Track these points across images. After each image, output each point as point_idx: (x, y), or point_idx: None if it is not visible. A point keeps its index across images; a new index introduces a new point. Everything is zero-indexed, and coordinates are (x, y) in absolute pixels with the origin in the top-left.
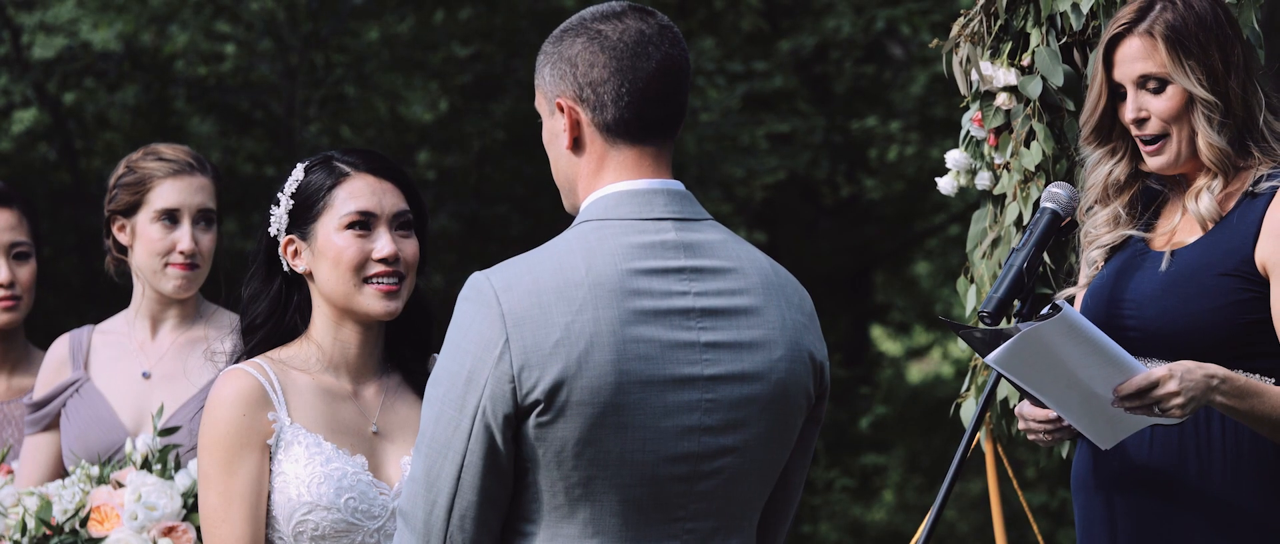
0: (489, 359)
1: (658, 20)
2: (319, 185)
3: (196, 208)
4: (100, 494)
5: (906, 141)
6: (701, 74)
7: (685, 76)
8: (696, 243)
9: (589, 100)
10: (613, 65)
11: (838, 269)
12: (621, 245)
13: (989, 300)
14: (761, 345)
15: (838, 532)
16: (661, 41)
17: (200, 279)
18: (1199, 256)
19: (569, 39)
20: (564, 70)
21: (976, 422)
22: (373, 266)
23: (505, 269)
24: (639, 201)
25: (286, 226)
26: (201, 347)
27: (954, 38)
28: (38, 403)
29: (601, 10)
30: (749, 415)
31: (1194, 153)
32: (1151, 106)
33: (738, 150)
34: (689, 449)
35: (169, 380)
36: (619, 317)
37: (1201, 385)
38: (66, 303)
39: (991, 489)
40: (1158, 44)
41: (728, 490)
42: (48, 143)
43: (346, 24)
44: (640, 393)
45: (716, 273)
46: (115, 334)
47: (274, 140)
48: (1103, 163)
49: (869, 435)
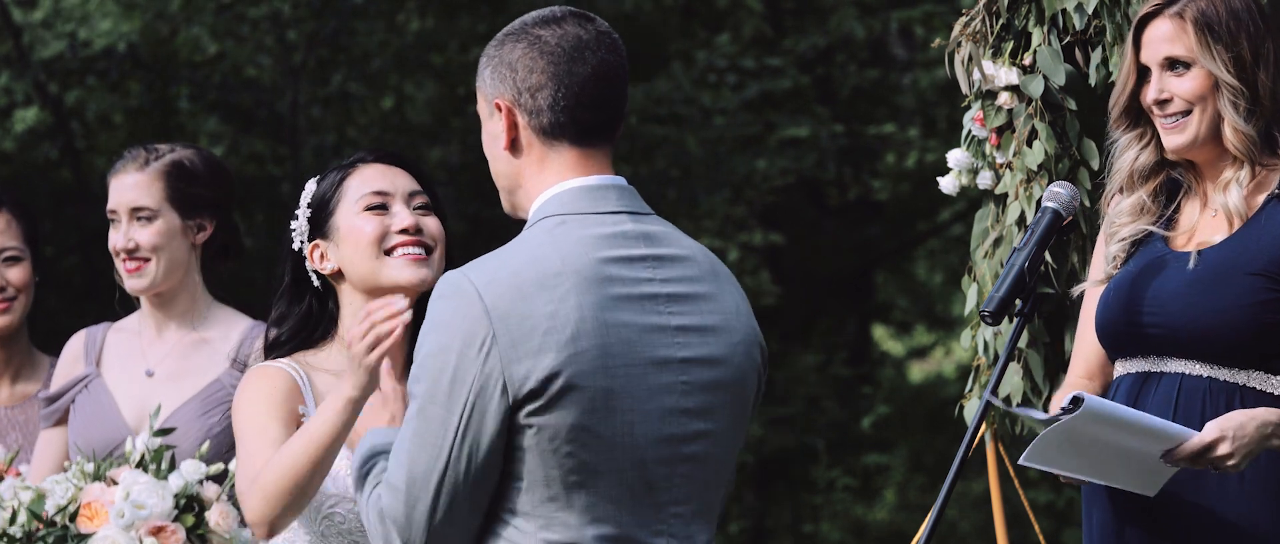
0: (476, 355)
1: (596, 26)
2: (331, 183)
3: (129, 205)
4: (92, 491)
5: (926, 148)
6: (712, 72)
7: (622, 81)
8: (652, 233)
9: (526, 104)
10: (550, 70)
11: (840, 269)
12: (587, 236)
13: (990, 300)
14: (722, 330)
15: (840, 531)
16: (599, 47)
17: (150, 274)
18: (1227, 256)
19: (510, 43)
20: (504, 74)
21: (978, 421)
22: (394, 238)
23: (481, 265)
24: (593, 196)
25: (308, 235)
26: (205, 347)
27: (956, 37)
28: (51, 397)
29: (542, 15)
30: (718, 398)
31: (1214, 139)
32: (1174, 88)
33: (747, 151)
34: (671, 431)
35: (171, 380)
36: (598, 302)
37: (1255, 439)
38: (68, 303)
39: (993, 488)
40: (1187, 26)
41: (703, 474)
42: (50, 142)
43: (349, 22)
44: (625, 376)
45: (674, 261)
46: (127, 332)
47: (278, 139)
48: (1130, 147)
49: (871, 435)
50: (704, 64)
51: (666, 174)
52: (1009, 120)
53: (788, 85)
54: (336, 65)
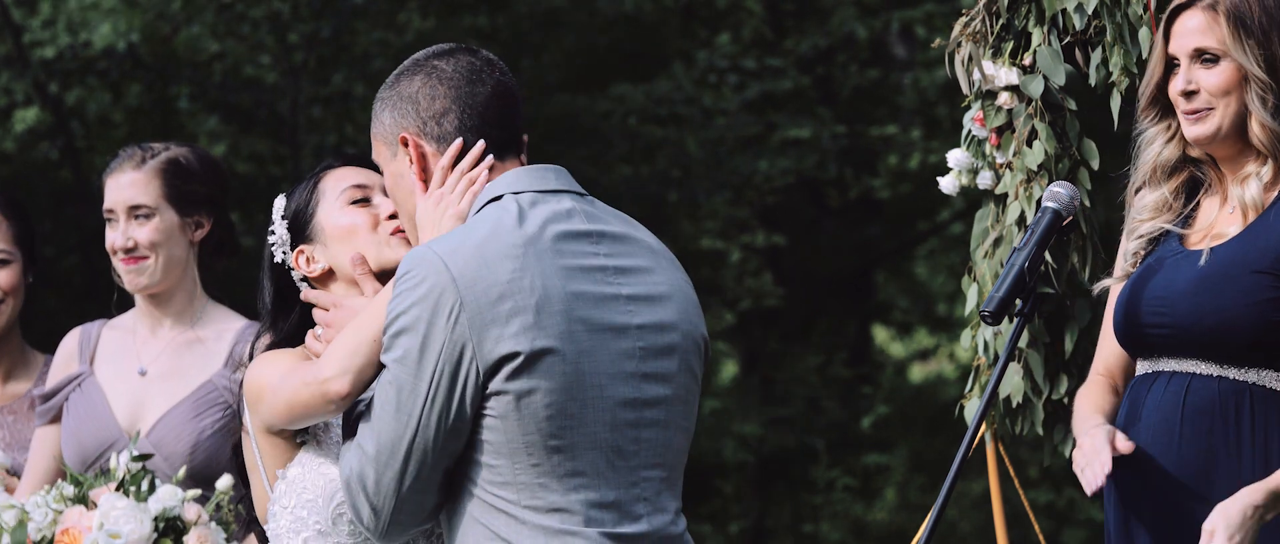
0: (445, 322)
1: (484, 55)
2: (305, 190)
3: (127, 203)
4: (70, 516)
5: (928, 149)
6: (713, 72)
7: (518, 102)
8: (592, 212)
9: (432, 132)
10: (452, 94)
11: (840, 270)
12: (538, 213)
13: (990, 300)
14: (668, 298)
15: (839, 531)
16: (493, 70)
17: (149, 271)
18: (1235, 252)
19: (406, 79)
20: (405, 109)
21: (978, 421)
22: (387, 225)
23: (443, 240)
24: (534, 177)
25: (290, 243)
26: (198, 346)
27: (956, 37)
28: (46, 395)
29: (432, 50)
30: (672, 364)
31: (1237, 133)
32: (1202, 80)
33: (748, 152)
34: (633, 394)
35: (164, 378)
36: (557, 270)
37: (1244, 519)
38: (68, 303)
39: (993, 488)
40: (1219, 19)
41: (665, 439)
42: (50, 142)
43: (349, 22)
44: (589, 339)
45: (616, 238)
46: (122, 330)
47: (278, 139)
48: (1155, 140)
49: (871, 435)
50: (705, 64)
51: (667, 174)
52: (1009, 120)
53: (788, 86)
54: (336, 65)
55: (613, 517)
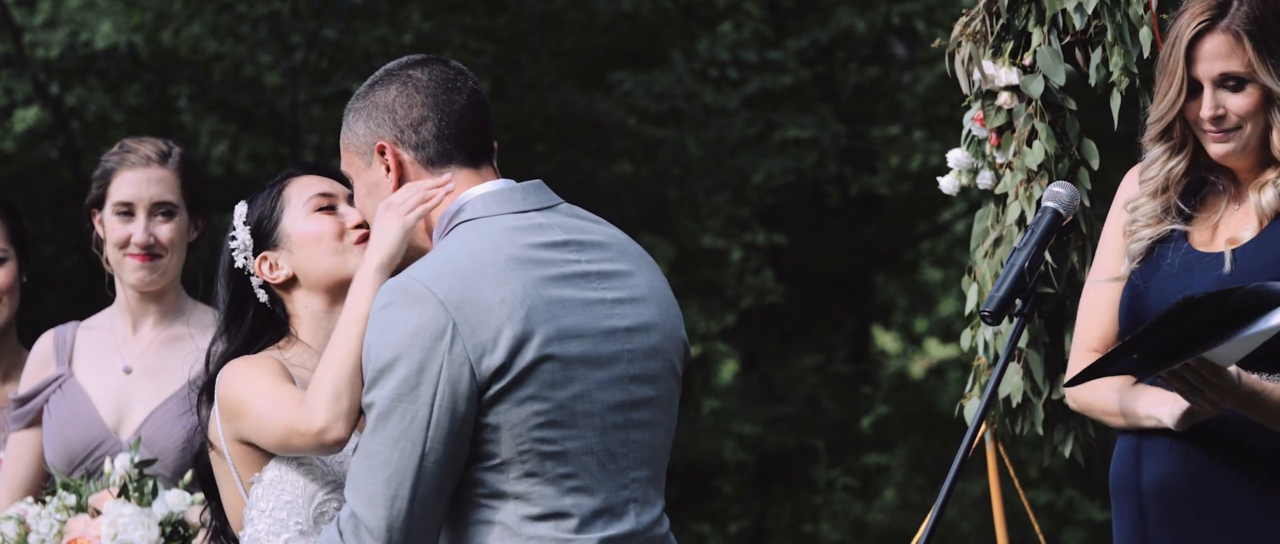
0: (440, 347)
1: (455, 65)
2: (270, 196)
3: (152, 199)
4: (76, 525)
5: (929, 151)
6: (714, 65)
7: (489, 112)
8: (566, 223)
9: (409, 140)
10: (429, 103)
11: (840, 269)
12: (508, 229)
13: (990, 300)
14: (649, 299)
15: (839, 531)
16: (465, 79)
17: (164, 270)
18: (1260, 257)
19: (380, 89)
20: (381, 118)
21: (978, 421)
22: (353, 234)
23: (421, 266)
24: (502, 199)
25: (253, 248)
26: (183, 344)
27: (956, 37)
28: (22, 398)
29: (403, 61)
30: (658, 365)
31: (1260, 146)
32: (1230, 104)
33: (748, 151)
34: (622, 398)
35: (149, 376)
36: (538, 281)
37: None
38: (68, 303)
39: (993, 488)
40: (1243, 41)
41: (651, 440)
42: (50, 142)
43: (350, 22)
44: (578, 346)
45: (593, 245)
46: (99, 330)
47: (278, 139)
48: (1166, 160)
49: (871, 435)
50: (706, 56)
51: (667, 174)
52: (1009, 120)
53: (789, 82)
54: (337, 65)
55: (604, 519)
